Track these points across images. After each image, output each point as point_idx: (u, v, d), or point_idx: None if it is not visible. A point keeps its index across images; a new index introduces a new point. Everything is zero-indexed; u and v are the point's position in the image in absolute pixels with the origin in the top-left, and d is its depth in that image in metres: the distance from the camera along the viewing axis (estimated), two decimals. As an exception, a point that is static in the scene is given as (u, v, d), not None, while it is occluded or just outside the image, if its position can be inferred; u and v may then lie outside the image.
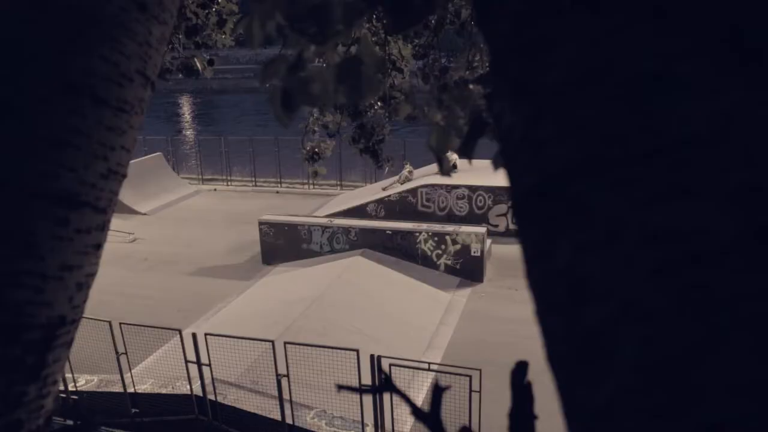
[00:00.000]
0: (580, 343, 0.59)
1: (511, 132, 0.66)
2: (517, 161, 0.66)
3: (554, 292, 0.62)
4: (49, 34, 1.44)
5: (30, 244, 1.41)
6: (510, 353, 11.73)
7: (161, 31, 1.63)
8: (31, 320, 1.44)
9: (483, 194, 22.23)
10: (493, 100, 0.71)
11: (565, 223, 0.60)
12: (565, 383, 0.63)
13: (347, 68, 1.03)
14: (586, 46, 0.60)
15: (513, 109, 0.65)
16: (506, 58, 0.67)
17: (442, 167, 1.33)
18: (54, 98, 1.42)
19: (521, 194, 0.67)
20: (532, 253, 0.66)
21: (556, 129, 0.61)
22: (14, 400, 1.44)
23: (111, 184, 1.57)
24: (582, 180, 0.59)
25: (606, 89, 0.59)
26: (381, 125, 8.97)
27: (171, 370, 12.03)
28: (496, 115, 0.70)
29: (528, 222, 0.66)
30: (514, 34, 0.65)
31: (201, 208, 27.48)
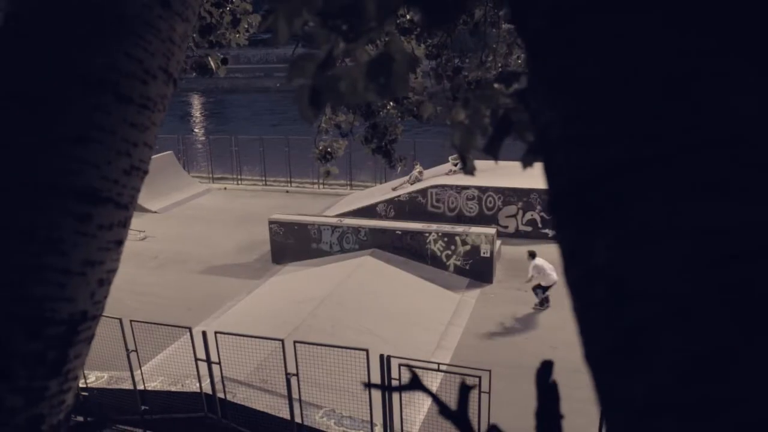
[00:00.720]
0: (618, 340, 0.59)
1: (548, 130, 0.66)
2: (555, 160, 0.66)
3: (592, 290, 0.62)
4: (73, 30, 1.44)
5: (53, 239, 1.42)
6: (519, 354, 11.77)
7: (184, 29, 1.63)
8: (53, 315, 1.45)
9: (493, 195, 22.19)
10: (529, 99, 0.71)
11: (604, 220, 0.60)
12: (603, 380, 0.62)
13: (378, 66, 1.03)
14: (624, 43, 0.60)
15: (550, 107, 0.65)
16: (543, 56, 0.67)
17: (465, 166, 1.33)
18: (78, 94, 1.43)
19: (558, 192, 0.67)
20: (570, 252, 0.66)
21: (595, 127, 0.60)
22: (36, 394, 1.45)
23: (133, 180, 1.57)
24: (622, 178, 0.59)
25: (645, 87, 0.59)
26: (393, 125, 8.98)
27: (181, 367, 12.06)
28: (533, 114, 0.70)
29: (565, 220, 0.66)
30: (552, 32, 0.65)
31: (211, 206, 27.54)
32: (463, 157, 1.32)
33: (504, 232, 21.47)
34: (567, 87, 0.63)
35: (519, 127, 1.16)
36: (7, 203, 1.38)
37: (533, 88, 0.69)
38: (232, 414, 11.46)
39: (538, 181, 17.93)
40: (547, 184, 0.70)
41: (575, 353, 3.80)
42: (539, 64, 0.67)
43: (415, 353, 12.12)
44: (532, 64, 0.69)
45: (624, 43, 0.59)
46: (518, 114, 1.14)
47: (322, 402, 11.33)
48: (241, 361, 11.40)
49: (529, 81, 0.71)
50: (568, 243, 0.66)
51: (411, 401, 11.42)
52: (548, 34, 0.65)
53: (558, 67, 0.64)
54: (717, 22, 0.57)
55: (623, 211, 0.58)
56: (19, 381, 1.41)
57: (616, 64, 0.59)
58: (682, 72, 0.57)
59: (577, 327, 0.68)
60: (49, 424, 1.51)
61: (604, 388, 0.62)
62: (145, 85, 1.53)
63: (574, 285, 0.66)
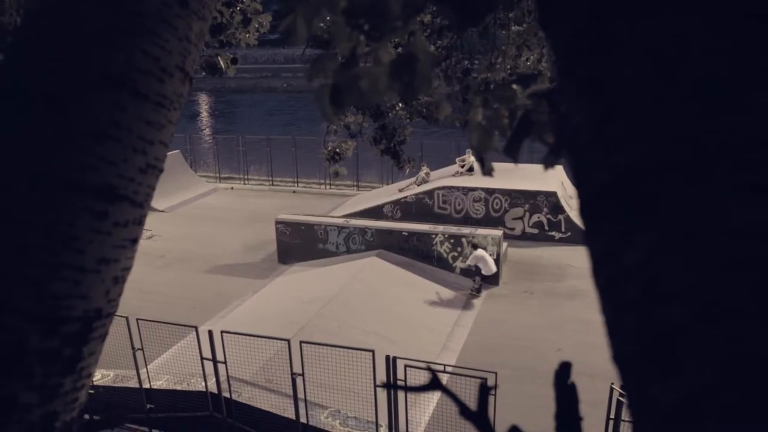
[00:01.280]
0: (652, 341, 0.58)
1: (579, 131, 0.66)
2: (586, 160, 0.65)
3: (625, 291, 0.61)
4: (92, 28, 1.44)
5: (69, 236, 1.42)
6: (525, 357, 11.74)
7: (200, 27, 1.63)
8: (68, 313, 1.45)
9: (500, 197, 22.17)
10: (557, 100, 0.70)
11: (638, 221, 0.59)
12: (634, 382, 0.62)
13: (401, 65, 1.03)
14: (658, 44, 0.60)
15: (582, 108, 0.65)
16: (574, 57, 0.66)
17: (483, 167, 1.33)
18: (96, 92, 1.43)
19: (589, 193, 0.66)
20: (601, 252, 0.65)
21: (629, 127, 0.60)
22: (51, 391, 1.45)
23: (149, 178, 1.57)
24: (656, 178, 0.58)
25: (680, 88, 0.58)
26: (402, 126, 8.98)
27: (186, 366, 12.07)
28: (562, 115, 0.69)
29: (597, 221, 0.66)
30: (584, 33, 0.65)
31: (218, 206, 27.58)
32: (481, 157, 1.32)
33: (510, 234, 21.45)
34: (600, 88, 0.62)
35: (539, 128, 1.15)
36: (26, 199, 1.39)
37: (563, 89, 0.69)
38: (237, 413, 11.47)
39: (545, 183, 17.91)
40: (577, 185, 0.70)
41: (580, 356, 3.82)
42: (571, 66, 0.67)
43: (421, 354, 12.10)
44: (562, 66, 0.69)
45: (661, 44, 0.59)
46: (538, 115, 1.14)
47: (327, 402, 11.33)
48: (247, 360, 11.40)
49: (558, 82, 0.70)
50: (599, 243, 0.66)
51: (416, 402, 11.42)
52: (581, 36, 0.64)
53: (591, 68, 0.63)
54: (754, 22, 0.56)
55: (660, 211, 0.58)
56: (35, 378, 1.41)
57: (653, 65, 0.59)
58: (722, 72, 0.56)
59: (606, 328, 0.68)
60: (63, 421, 1.51)
61: (634, 391, 0.62)
62: (162, 83, 1.53)
63: (605, 286, 0.66)
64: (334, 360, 10.74)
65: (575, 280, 18.62)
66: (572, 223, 21.47)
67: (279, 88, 75.49)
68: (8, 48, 1.46)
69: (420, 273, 18.62)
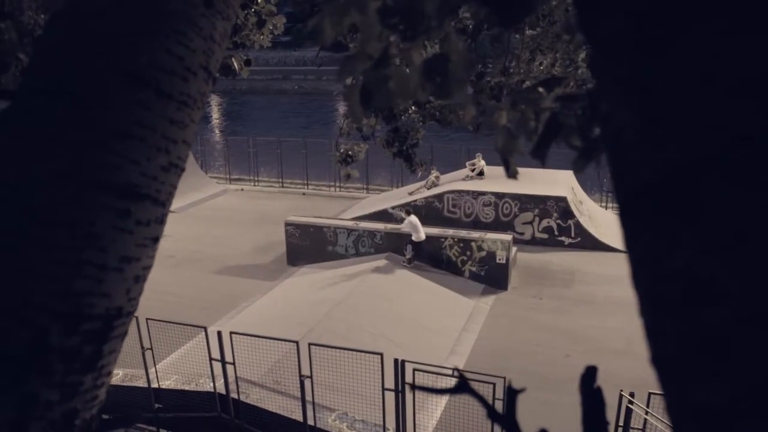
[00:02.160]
0: (698, 343, 0.57)
1: (622, 132, 0.65)
2: (629, 160, 0.65)
3: (668, 293, 0.60)
4: (117, 27, 1.45)
5: (92, 234, 1.42)
6: (533, 362, 11.70)
7: (224, 27, 1.64)
8: (90, 311, 1.45)
9: (509, 201, 22.14)
10: (599, 101, 0.70)
11: (685, 221, 0.59)
12: (677, 383, 0.61)
13: (434, 66, 1.02)
14: (708, 44, 0.59)
15: (627, 108, 0.64)
16: (619, 57, 0.66)
17: (508, 170, 1.32)
18: (121, 90, 1.43)
19: (632, 193, 0.65)
20: (643, 253, 0.65)
21: (678, 127, 0.59)
22: (71, 389, 1.45)
23: (171, 177, 1.58)
24: (705, 178, 0.57)
25: (730, 87, 0.58)
26: (415, 129, 8.97)
27: (195, 366, 12.09)
28: (604, 116, 0.69)
29: (638, 222, 0.65)
30: (630, 33, 0.64)
31: (228, 207, 27.64)
32: (506, 160, 1.31)
33: (520, 238, 21.42)
34: (648, 87, 0.62)
35: (566, 131, 1.14)
36: (51, 197, 1.39)
37: (605, 89, 0.68)
38: (245, 414, 11.47)
39: (555, 188, 17.87)
40: (617, 185, 0.69)
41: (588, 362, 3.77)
42: (614, 67, 0.66)
43: (429, 358, 12.07)
44: (604, 67, 0.68)
45: (712, 44, 0.58)
46: (565, 118, 1.13)
47: (335, 405, 11.32)
48: (255, 361, 11.41)
49: (600, 82, 0.70)
50: (641, 244, 0.65)
51: (424, 406, 11.39)
52: (627, 36, 0.64)
53: (638, 68, 0.63)
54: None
55: (708, 212, 0.57)
56: (56, 376, 1.42)
57: (703, 64, 0.58)
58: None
59: (645, 330, 0.67)
60: (83, 419, 1.51)
61: (676, 394, 0.61)
62: (186, 83, 1.53)
63: (646, 287, 0.65)
64: (342, 362, 10.74)
65: (584, 285, 18.57)
66: (582, 228, 21.42)
67: (290, 90, 75.58)
68: (35, 48, 1.47)
69: (429, 276, 18.60)
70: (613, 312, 16.75)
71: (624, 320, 16.11)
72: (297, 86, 76.89)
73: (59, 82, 1.43)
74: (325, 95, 66.58)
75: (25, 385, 1.38)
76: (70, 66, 1.44)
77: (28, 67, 1.52)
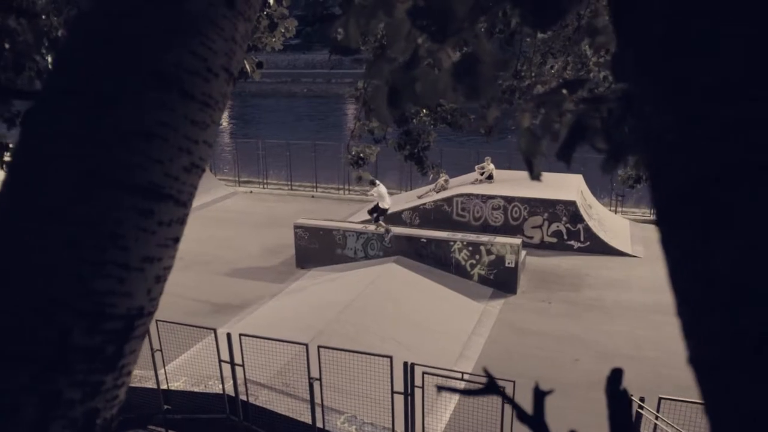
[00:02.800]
0: (743, 346, 0.57)
1: (664, 134, 0.65)
2: (670, 163, 0.64)
3: (712, 294, 0.60)
4: (142, 28, 1.46)
5: (116, 234, 1.43)
6: (542, 366, 11.64)
7: (245, 28, 1.64)
8: (112, 310, 1.45)
9: (518, 205, 22.12)
10: (638, 103, 0.69)
11: (730, 224, 0.58)
12: (718, 384, 0.61)
13: (465, 67, 1.02)
14: (752, 45, 0.59)
15: (669, 110, 0.64)
16: (660, 59, 0.65)
17: (532, 171, 1.32)
18: (145, 91, 1.44)
19: (673, 195, 0.65)
20: (683, 254, 0.64)
21: (723, 128, 0.59)
22: (93, 388, 1.46)
23: (192, 177, 1.58)
24: (750, 181, 0.57)
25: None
26: (426, 132, 8.98)
27: (204, 368, 12.11)
28: (643, 117, 0.68)
29: (679, 222, 0.65)
30: (671, 35, 0.64)
31: (237, 209, 27.69)
32: (530, 162, 1.31)
33: (529, 242, 21.40)
34: (692, 89, 0.61)
35: (591, 133, 1.14)
36: (75, 196, 1.40)
37: (644, 92, 0.68)
38: (253, 417, 11.48)
39: (564, 192, 17.81)
40: (655, 186, 0.69)
41: (597, 367, 3.77)
42: (656, 69, 0.66)
43: (438, 362, 12.05)
44: (644, 69, 0.68)
45: (756, 44, 0.58)
46: (590, 120, 1.13)
47: (344, 407, 11.32)
48: (264, 364, 11.42)
49: (639, 84, 0.69)
50: (681, 244, 0.65)
51: (432, 410, 11.38)
52: (670, 37, 0.64)
53: (682, 69, 0.62)
54: None
55: (755, 213, 0.56)
56: (78, 375, 1.42)
57: (745, 68, 0.58)
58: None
59: (684, 331, 0.67)
60: (103, 418, 1.51)
61: (717, 396, 0.61)
62: (208, 83, 1.54)
63: (686, 288, 0.65)
64: (351, 365, 10.74)
65: (593, 290, 18.53)
66: (591, 232, 21.38)
67: (299, 93, 75.78)
68: (59, 48, 1.48)
69: (438, 280, 18.58)
70: (622, 316, 16.71)
71: (633, 325, 16.07)
72: (306, 89, 77.08)
73: (84, 81, 1.44)
74: (334, 98, 66.65)
75: (47, 384, 1.39)
76: (94, 66, 1.44)
77: (53, 67, 1.52)
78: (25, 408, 1.37)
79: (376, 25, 1.13)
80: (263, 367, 11.48)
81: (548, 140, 1.28)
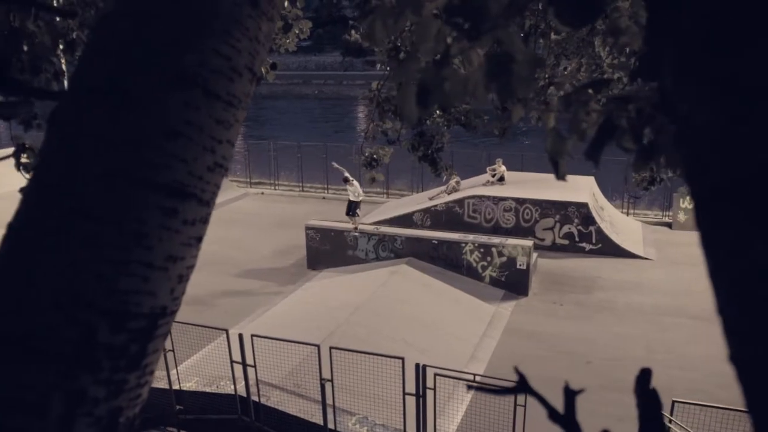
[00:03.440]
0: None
1: (705, 132, 0.64)
2: (712, 160, 0.64)
3: (755, 291, 0.59)
4: (166, 27, 1.46)
5: (140, 233, 1.43)
6: (554, 368, 11.65)
7: (269, 28, 1.64)
8: (136, 309, 1.46)
9: (530, 207, 22.07)
10: (675, 102, 0.69)
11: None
12: (763, 382, 0.60)
13: (499, 66, 1.02)
14: None
15: (710, 107, 0.63)
16: (703, 58, 0.65)
17: (558, 171, 1.31)
18: (170, 90, 1.44)
19: (715, 191, 0.65)
20: (726, 251, 0.64)
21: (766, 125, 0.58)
22: (117, 387, 1.46)
23: (215, 177, 1.58)
24: None
25: None
26: (440, 133, 8.98)
27: (215, 369, 12.14)
28: (680, 116, 0.68)
29: (721, 219, 0.64)
30: (716, 34, 0.63)
31: (248, 210, 27.74)
32: (555, 162, 1.30)
33: (540, 244, 21.34)
34: (733, 87, 0.61)
35: (620, 133, 1.14)
36: (100, 196, 1.40)
37: (684, 88, 0.67)
38: (265, 417, 11.50)
39: (576, 194, 17.73)
40: (694, 183, 0.68)
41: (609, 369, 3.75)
42: (695, 66, 0.65)
43: (449, 363, 12.03)
44: (686, 68, 0.67)
45: None
46: (620, 119, 1.12)
47: (355, 409, 11.32)
48: (276, 364, 11.44)
49: (678, 81, 0.69)
50: (723, 241, 0.64)
51: (444, 411, 11.36)
52: (710, 34, 0.63)
53: (723, 66, 0.62)
54: None
55: None
56: (103, 373, 1.43)
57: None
58: None
59: (725, 328, 0.66)
60: (126, 417, 1.52)
61: (762, 394, 0.60)
62: (232, 83, 1.54)
63: (729, 285, 0.64)
64: (363, 366, 10.74)
65: (605, 292, 18.46)
66: (603, 234, 21.30)
67: (310, 94, 75.92)
68: (84, 48, 1.48)
69: (449, 282, 18.56)
70: (634, 319, 16.64)
71: (644, 327, 16.00)
72: (317, 91, 77.24)
73: (109, 81, 1.45)
74: (345, 100, 66.69)
75: (73, 382, 1.39)
76: (120, 65, 1.45)
77: (78, 66, 1.53)
78: (52, 405, 1.37)
79: (403, 25, 1.13)
80: (275, 367, 11.50)
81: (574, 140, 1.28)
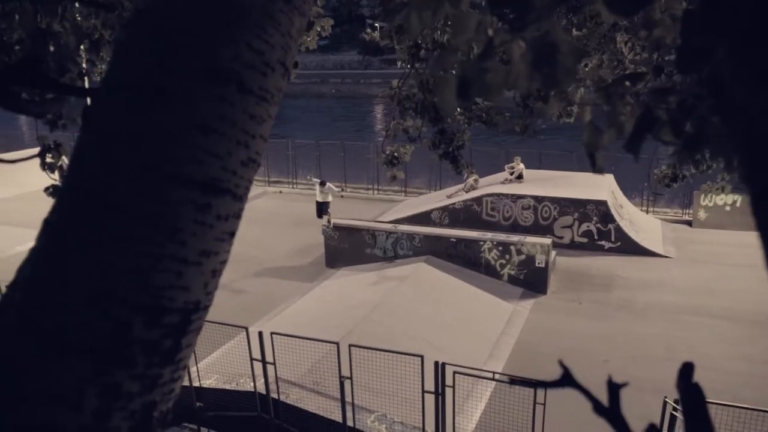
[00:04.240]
0: None
1: (761, 120, 0.63)
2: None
3: None
4: (200, 22, 1.46)
5: (174, 228, 1.44)
6: (572, 367, 11.58)
7: (300, 23, 1.64)
8: (170, 304, 1.46)
9: (548, 205, 21.97)
10: (734, 88, 0.68)
11: None
12: None
13: (544, 56, 1.01)
14: None
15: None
16: (760, 42, 0.64)
17: (594, 165, 1.30)
18: (204, 85, 1.44)
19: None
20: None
21: None
22: (151, 381, 1.47)
23: (249, 172, 1.59)
24: None
25: None
26: (461, 131, 8.96)
27: (235, 366, 12.18)
28: (740, 105, 0.67)
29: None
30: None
31: (267, 209, 27.81)
32: (592, 155, 1.29)
33: (559, 242, 21.23)
34: None
35: (659, 125, 1.12)
36: (135, 191, 1.41)
37: (740, 77, 0.66)
38: (284, 415, 11.53)
39: (594, 192, 17.63)
40: (751, 174, 0.67)
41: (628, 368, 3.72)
42: (753, 53, 0.64)
43: (468, 361, 12.01)
44: (740, 53, 0.66)
45: None
46: (659, 111, 1.11)
47: (374, 406, 11.33)
48: (295, 362, 11.47)
49: (732, 75, 0.68)
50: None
51: (463, 409, 11.34)
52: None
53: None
54: None
55: None
56: (137, 368, 1.43)
57: None
58: None
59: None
60: (160, 411, 1.53)
61: None
62: (265, 78, 1.54)
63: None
64: (381, 364, 10.74)
65: (624, 291, 18.35)
66: (622, 232, 21.17)
67: (327, 93, 76.04)
68: (118, 44, 1.49)
69: (467, 280, 18.51)
70: (653, 318, 16.53)
71: (664, 326, 15.88)
72: (334, 89, 77.34)
73: (143, 77, 1.45)
74: (363, 98, 66.69)
75: (108, 376, 1.40)
76: (153, 61, 1.45)
77: (111, 63, 1.54)
78: (87, 400, 1.38)
79: (441, 17, 1.13)
80: (294, 365, 11.53)
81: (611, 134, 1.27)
